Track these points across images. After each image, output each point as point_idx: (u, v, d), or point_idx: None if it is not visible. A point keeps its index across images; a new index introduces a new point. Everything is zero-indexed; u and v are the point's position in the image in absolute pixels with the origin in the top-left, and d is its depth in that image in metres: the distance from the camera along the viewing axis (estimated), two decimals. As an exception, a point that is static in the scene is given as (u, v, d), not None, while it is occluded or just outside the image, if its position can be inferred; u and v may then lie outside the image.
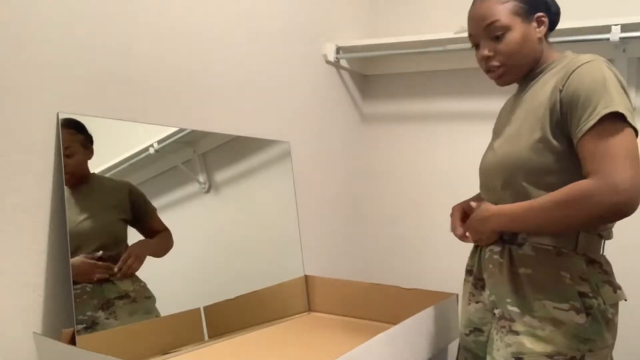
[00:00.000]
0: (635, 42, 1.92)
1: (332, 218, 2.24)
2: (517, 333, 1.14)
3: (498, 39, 1.20)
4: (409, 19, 2.42)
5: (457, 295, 1.66)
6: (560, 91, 1.11)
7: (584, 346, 1.09)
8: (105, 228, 1.35)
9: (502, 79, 1.24)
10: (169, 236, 1.49)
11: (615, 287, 1.15)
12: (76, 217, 1.27)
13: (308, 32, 2.11)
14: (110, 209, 1.37)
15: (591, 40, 1.89)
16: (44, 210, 1.23)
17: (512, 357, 1.13)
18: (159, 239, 1.47)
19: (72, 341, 1.19)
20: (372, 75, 2.48)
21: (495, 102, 2.37)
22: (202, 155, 1.63)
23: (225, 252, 1.65)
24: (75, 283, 1.24)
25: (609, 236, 1.19)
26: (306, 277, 1.86)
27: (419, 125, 2.38)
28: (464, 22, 1.30)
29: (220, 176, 1.65)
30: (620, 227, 1.22)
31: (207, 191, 1.62)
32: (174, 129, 1.54)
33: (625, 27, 1.82)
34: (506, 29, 1.20)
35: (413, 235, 2.37)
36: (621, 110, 1.04)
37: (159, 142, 1.49)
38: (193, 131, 1.58)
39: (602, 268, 1.14)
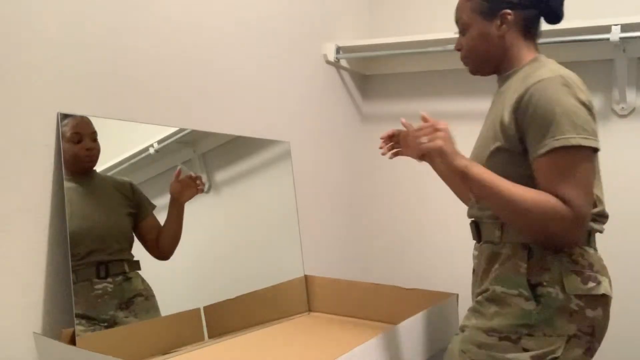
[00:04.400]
0: (635, 42, 1.92)
1: (332, 218, 2.24)
2: (469, 313, 1.21)
3: (463, 34, 1.27)
4: (409, 19, 2.42)
5: (457, 295, 1.66)
6: (516, 109, 1.13)
7: (523, 329, 1.11)
8: (113, 224, 1.35)
9: (469, 69, 1.31)
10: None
11: (588, 279, 1.13)
12: (82, 213, 1.28)
13: (308, 32, 2.11)
14: (117, 205, 1.38)
15: (591, 40, 1.89)
16: (44, 210, 1.23)
17: (459, 330, 1.22)
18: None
19: (72, 341, 1.19)
20: (372, 75, 2.47)
21: (495, 102, 2.37)
22: (202, 155, 1.63)
23: (226, 252, 1.65)
24: (96, 283, 1.26)
25: (598, 229, 1.18)
26: (306, 277, 1.86)
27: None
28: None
29: (220, 176, 1.65)
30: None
31: (207, 191, 1.62)
32: (174, 129, 1.54)
33: (625, 27, 1.82)
34: (467, 26, 1.25)
35: (413, 235, 2.37)
36: (571, 141, 1.07)
37: (159, 142, 1.49)
38: (193, 131, 1.58)
39: (573, 258, 1.13)
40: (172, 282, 1.47)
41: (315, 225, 2.10)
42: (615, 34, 1.82)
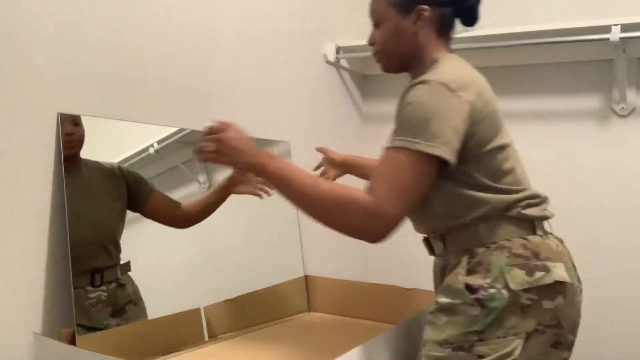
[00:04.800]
0: (635, 42, 1.92)
1: (332, 218, 2.24)
2: (426, 326, 1.17)
3: (378, 27, 1.23)
4: (409, 19, 2.41)
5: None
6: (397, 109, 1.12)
7: (473, 337, 1.07)
8: (105, 224, 1.33)
9: (381, 66, 1.27)
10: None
11: (534, 269, 1.08)
12: (73, 207, 1.25)
13: (308, 32, 2.11)
14: (107, 200, 1.34)
15: (591, 40, 1.89)
16: (44, 210, 1.23)
17: (422, 343, 1.17)
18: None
19: (72, 341, 1.19)
20: (372, 75, 2.47)
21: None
22: (202, 155, 1.63)
23: (226, 252, 1.65)
24: (90, 292, 1.24)
25: (539, 215, 1.15)
26: (306, 277, 1.86)
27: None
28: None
29: (220, 176, 1.65)
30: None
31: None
32: (174, 129, 1.54)
33: (625, 27, 1.82)
34: (381, 19, 1.22)
35: (413, 234, 2.37)
36: (396, 143, 1.06)
37: (159, 142, 1.49)
38: (193, 131, 1.58)
39: (513, 252, 1.09)
40: (172, 281, 1.47)
41: (315, 225, 2.10)
42: (615, 34, 1.82)
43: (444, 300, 1.12)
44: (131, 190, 1.39)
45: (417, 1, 1.17)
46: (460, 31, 1.96)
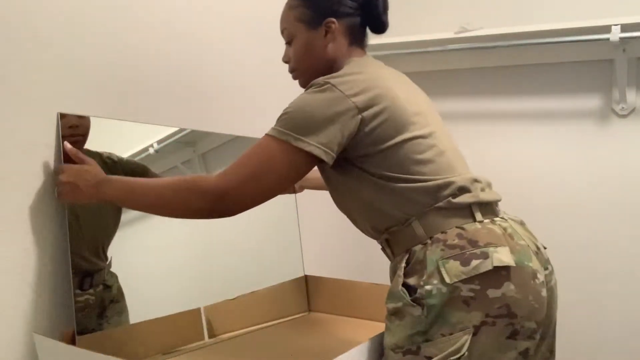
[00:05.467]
0: (635, 42, 1.92)
1: (332, 217, 2.24)
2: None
3: (290, 44, 1.25)
4: (409, 19, 2.42)
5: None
6: None
7: (419, 338, 1.04)
8: (98, 223, 1.31)
9: (300, 82, 1.28)
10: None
11: (470, 258, 1.03)
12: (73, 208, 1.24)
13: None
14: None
15: (591, 40, 1.89)
16: (44, 210, 1.23)
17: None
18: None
19: (72, 341, 1.19)
20: (372, 75, 2.47)
21: (494, 103, 2.37)
22: (202, 155, 1.63)
23: (225, 252, 1.65)
24: (78, 295, 1.22)
25: (471, 201, 1.11)
26: (306, 277, 1.86)
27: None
28: (464, 22, 1.31)
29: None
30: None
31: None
32: (174, 129, 1.54)
33: (625, 27, 1.82)
34: (292, 36, 1.24)
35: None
36: (269, 132, 1.09)
37: (159, 142, 1.49)
38: (193, 131, 1.58)
39: (447, 244, 1.06)
40: (172, 281, 1.47)
41: (316, 225, 2.10)
42: (615, 34, 1.82)
43: (390, 305, 1.10)
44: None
45: (324, 15, 1.19)
46: (458, 32, 1.97)
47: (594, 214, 2.09)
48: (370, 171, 1.13)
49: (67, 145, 1.21)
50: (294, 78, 1.28)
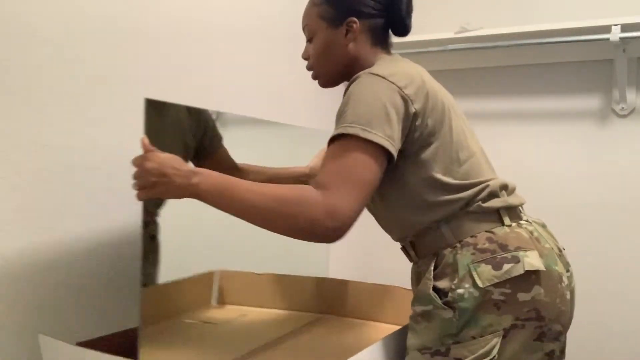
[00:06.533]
0: (635, 42, 1.93)
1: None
2: (408, 333, 1.14)
3: (311, 41, 1.22)
4: (408, 19, 2.42)
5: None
6: None
7: (449, 340, 1.04)
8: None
9: (318, 81, 1.24)
10: None
11: (502, 262, 1.04)
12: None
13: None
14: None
15: (591, 40, 1.90)
16: (44, 210, 1.23)
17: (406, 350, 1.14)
18: None
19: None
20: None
21: (494, 103, 2.37)
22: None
23: (255, 232, 1.62)
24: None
25: (506, 204, 1.11)
26: (317, 279, 1.85)
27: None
28: (464, 22, 1.30)
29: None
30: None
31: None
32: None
33: (625, 27, 1.83)
34: (313, 33, 1.20)
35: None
36: (349, 130, 0.99)
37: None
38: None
39: (478, 247, 1.06)
40: (192, 244, 1.41)
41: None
42: (615, 34, 1.83)
43: (417, 308, 1.10)
44: (207, 135, 1.29)
45: (347, 14, 1.16)
46: (458, 32, 1.97)
47: (593, 213, 2.09)
48: (408, 171, 1.10)
49: (146, 140, 1.04)
50: (313, 77, 1.24)
